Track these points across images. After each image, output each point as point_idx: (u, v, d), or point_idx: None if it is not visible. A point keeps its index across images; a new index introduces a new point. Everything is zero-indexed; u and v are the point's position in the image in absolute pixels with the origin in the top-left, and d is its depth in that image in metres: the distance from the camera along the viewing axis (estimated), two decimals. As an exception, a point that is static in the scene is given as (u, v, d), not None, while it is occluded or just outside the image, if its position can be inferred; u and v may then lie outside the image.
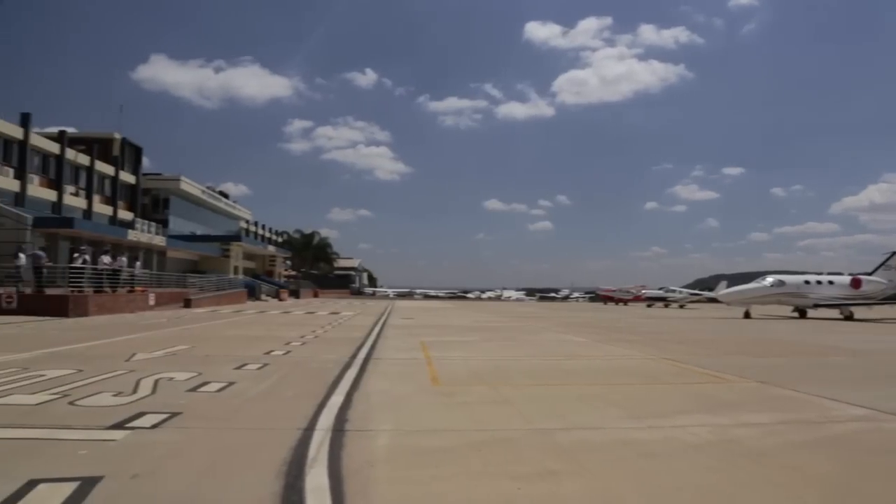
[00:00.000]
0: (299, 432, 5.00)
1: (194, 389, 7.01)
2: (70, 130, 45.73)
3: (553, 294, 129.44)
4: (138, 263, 32.52)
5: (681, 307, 59.62)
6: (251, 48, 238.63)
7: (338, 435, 4.96)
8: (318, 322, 22.31)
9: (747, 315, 32.92)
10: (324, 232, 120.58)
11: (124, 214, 50.27)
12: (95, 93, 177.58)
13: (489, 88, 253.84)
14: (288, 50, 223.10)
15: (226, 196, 76.67)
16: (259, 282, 60.09)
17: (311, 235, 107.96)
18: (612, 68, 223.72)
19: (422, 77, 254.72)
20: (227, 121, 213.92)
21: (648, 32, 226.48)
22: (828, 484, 4.02)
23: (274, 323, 21.91)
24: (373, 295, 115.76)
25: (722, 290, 39.63)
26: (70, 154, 43.53)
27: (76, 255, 27.16)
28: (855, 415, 6.28)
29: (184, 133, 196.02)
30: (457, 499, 3.58)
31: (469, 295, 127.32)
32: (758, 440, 5.05)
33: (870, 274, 36.46)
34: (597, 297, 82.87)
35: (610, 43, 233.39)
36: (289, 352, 11.59)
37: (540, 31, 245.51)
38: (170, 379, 7.66)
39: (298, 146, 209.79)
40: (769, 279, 34.43)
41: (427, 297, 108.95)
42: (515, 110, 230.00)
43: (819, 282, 35.06)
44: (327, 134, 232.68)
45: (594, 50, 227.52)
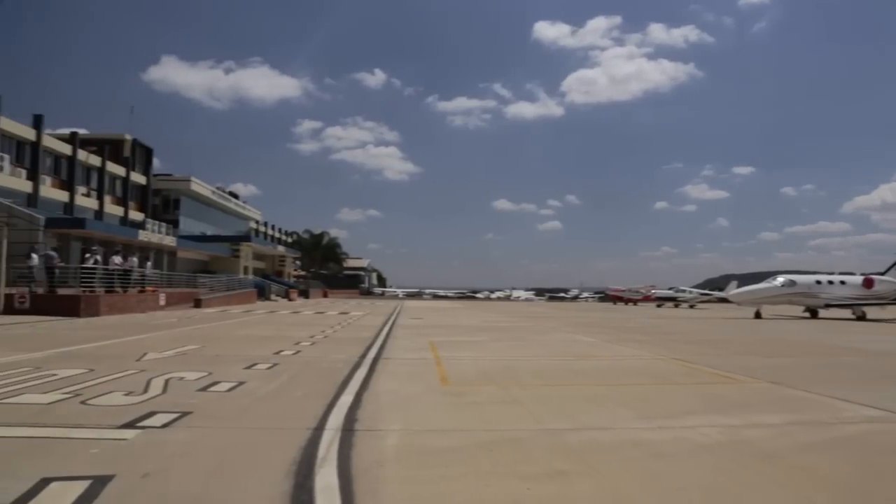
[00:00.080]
0: (309, 432, 5.01)
1: (204, 389, 7.05)
2: (82, 132, 46.03)
3: (562, 294, 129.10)
4: (149, 264, 32.72)
5: (691, 307, 59.32)
6: (261, 49, 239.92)
7: (347, 435, 4.97)
8: (328, 322, 22.36)
9: (758, 315, 32.73)
10: (333, 232, 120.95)
11: (135, 215, 50.56)
12: (107, 94, 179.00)
13: (498, 88, 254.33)
14: (297, 51, 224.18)
15: (236, 196, 77.03)
16: (269, 282, 60.31)
17: (321, 236, 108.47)
18: (622, 67, 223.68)
19: (431, 77, 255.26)
20: (237, 121, 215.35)
21: (658, 31, 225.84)
22: (839, 485, 4.00)
23: (283, 323, 21.99)
24: (382, 295, 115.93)
25: (732, 290, 39.42)
26: (82, 155, 43.81)
27: (88, 256, 27.37)
28: (867, 416, 6.23)
29: (194, 134, 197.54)
30: (466, 499, 3.57)
31: (478, 295, 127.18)
32: (769, 441, 5.02)
33: (882, 274, 36.13)
34: (606, 298, 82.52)
35: (619, 42, 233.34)
36: (298, 352, 11.63)
37: (549, 31, 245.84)
38: (180, 378, 7.71)
39: (308, 146, 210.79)
40: (780, 279, 34.21)
41: (436, 298, 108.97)
42: (524, 110, 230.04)
43: (831, 282, 34.80)
44: (336, 134, 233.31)
45: (603, 49, 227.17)
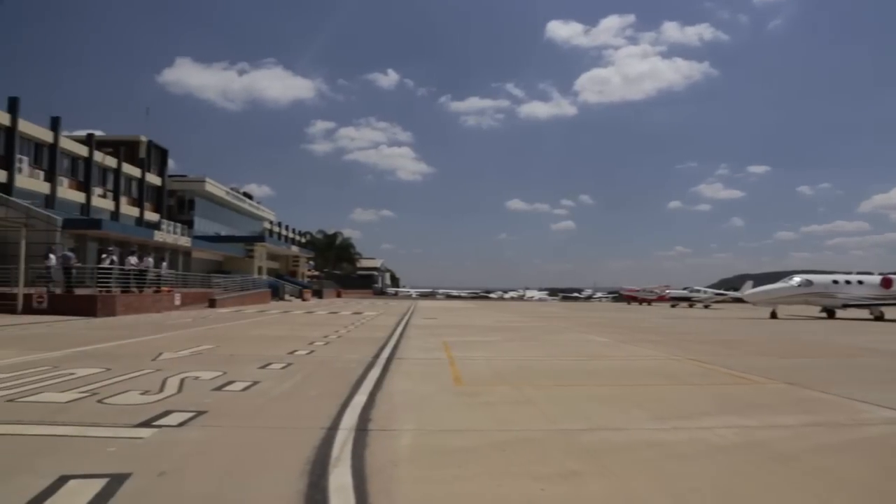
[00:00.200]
0: (323, 431, 5.03)
1: (219, 388, 7.09)
2: (98, 133, 46.50)
3: (576, 294, 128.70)
4: (164, 264, 32.97)
5: (705, 307, 58.94)
6: (274, 50, 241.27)
7: (361, 434, 4.98)
8: (341, 322, 22.42)
9: (774, 315, 32.45)
10: (346, 232, 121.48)
11: (150, 216, 50.99)
12: (122, 96, 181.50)
13: (511, 88, 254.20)
14: (310, 52, 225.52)
15: (250, 197, 77.46)
16: (283, 282, 60.56)
17: (334, 236, 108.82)
18: (635, 66, 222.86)
19: (443, 77, 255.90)
20: (251, 122, 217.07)
21: (672, 30, 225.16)
22: (857, 488, 3.95)
23: (297, 323, 22.07)
24: (395, 295, 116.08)
25: (748, 290, 39.07)
26: (98, 157, 44.24)
27: (104, 256, 27.63)
28: (886, 417, 6.16)
29: (208, 135, 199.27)
30: (480, 499, 3.57)
31: (491, 295, 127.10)
32: (785, 443, 4.98)
33: (901, 273, 35.70)
34: (620, 297, 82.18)
35: (633, 41, 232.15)
36: (312, 351, 11.67)
37: (562, 30, 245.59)
38: (195, 378, 7.76)
39: (321, 147, 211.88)
40: (796, 279, 33.88)
41: (449, 298, 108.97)
42: (538, 110, 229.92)
43: (848, 281, 34.38)
44: (350, 135, 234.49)
45: (617, 48, 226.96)
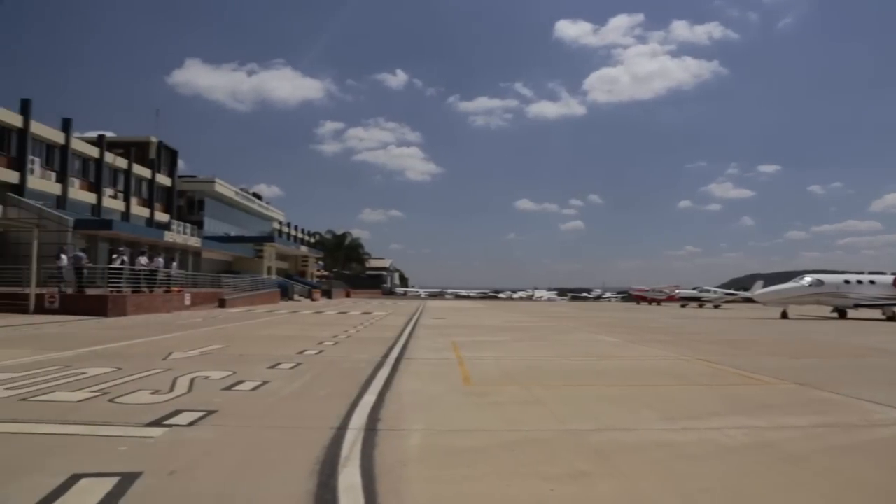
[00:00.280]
0: (332, 431, 5.05)
1: (229, 388, 7.12)
2: (109, 134, 46.68)
3: (585, 294, 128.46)
4: (174, 264, 33.11)
5: (715, 307, 58.63)
6: (283, 51, 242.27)
7: (370, 434, 4.99)
8: (351, 322, 22.47)
9: (784, 315, 32.25)
10: (355, 232, 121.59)
11: (161, 216, 51.21)
12: (133, 98, 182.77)
13: (520, 88, 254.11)
14: (319, 52, 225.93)
15: (259, 197, 77.70)
16: (292, 282, 60.72)
17: (343, 236, 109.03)
18: (645, 66, 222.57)
19: (452, 77, 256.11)
20: (260, 123, 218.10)
21: (681, 29, 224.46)
22: (868, 489, 3.93)
23: (306, 323, 22.14)
24: (404, 295, 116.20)
25: (758, 290, 38.84)
26: (109, 157, 44.45)
27: (115, 256, 27.80)
28: (897, 418, 6.11)
29: (218, 136, 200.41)
30: (489, 499, 3.57)
31: (500, 295, 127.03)
32: (795, 443, 4.95)
33: (914, 273, 35.40)
34: (629, 297, 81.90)
35: (642, 40, 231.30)
36: (321, 351, 11.70)
37: (570, 30, 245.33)
38: (205, 377, 7.80)
39: (330, 147, 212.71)
40: (807, 278, 33.63)
41: (458, 298, 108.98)
42: (546, 109, 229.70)
43: (860, 281, 34.11)
44: (358, 135, 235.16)
45: (626, 47, 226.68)
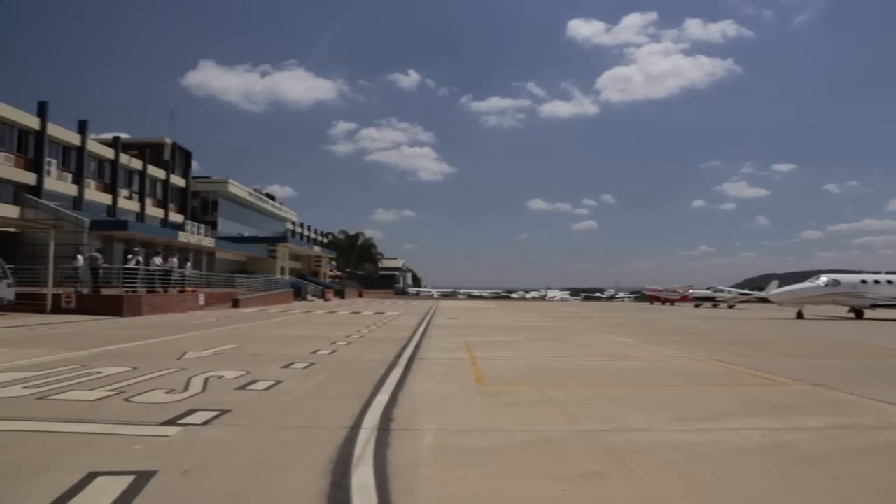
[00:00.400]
0: (345, 431, 5.06)
1: (243, 388, 7.16)
2: (124, 136, 47.22)
3: (598, 294, 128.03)
4: (188, 264, 33.32)
5: (730, 307, 58.22)
6: (296, 52, 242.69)
7: (383, 434, 5.00)
8: (363, 322, 22.52)
9: (800, 316, 31.97)
10: (368, 233, 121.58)
11: (175, 217, 51.62)
12: (147, 99, 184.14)
13: (532, 87, 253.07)
14: (332, 53, 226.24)
15: (272, 198, 78.05)
16: (305, 282, 60.93)
17: (356, 236, 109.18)
18: (658, 64, 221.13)
19: (464, 77, 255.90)
20: (273, 124, 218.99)
21: (695, 27, 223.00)
22: (885, 491, 3.88)
23: (319, 323, 22.21)
24: (417, 295, 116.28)
25: (773, 290, 38.54)
26: (124, 159, 44.92)
27: (130, 257, 28.09)
28: (916, 419, 6.04)
29: (231, 137, 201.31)
30: (502, 499, 3.57)
31: (513, 295, 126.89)
32: (811, 445, 4.90)
33: (932, 273, 34.95)
34: (643, 297, 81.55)
35: (655, 39, 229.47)
36: (335, 351, 11.74)
37: (583, 29, 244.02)
38: (219, 377, 7.84)
39: (343, 148, 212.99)
40: (823, 278, 33.30)
41: (471, 298, 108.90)
42: (559, 109, 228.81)
43: (877, 281, 33.74)
44: (371, 135, 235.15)
45: (639, 46, 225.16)
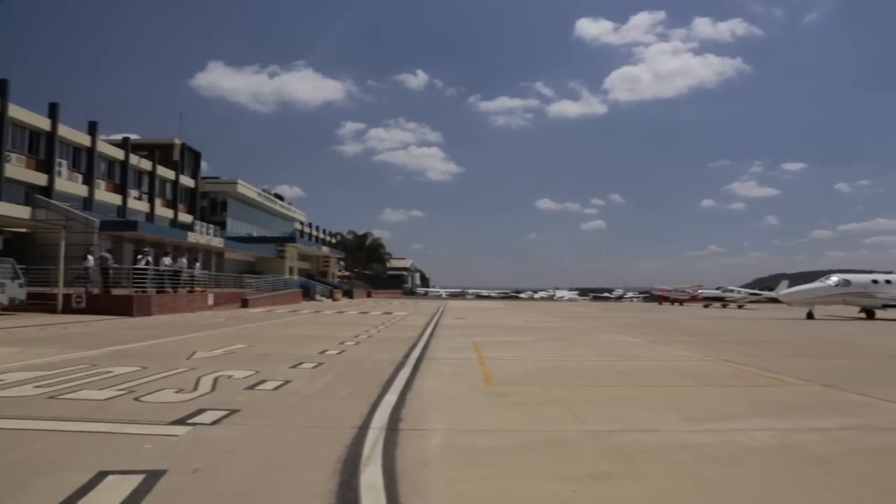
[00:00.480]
0: (354, 430, 5.07)
1: (252, 387, 7.18)
2: (133, 137, 47.55)
3: (607, 294, 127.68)
4: (198, 264, 33.51)
5: (739, 307, 57.95)
6: (304, 53, 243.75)
7: (392, 434, 5.01)
8: (372, 322, 22.54)
9: (810, 316, 31.76)
10: (376, 233, 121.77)
11: (184, 217, 51.88)
12: (157, 100, 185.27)
13: (540, 87, 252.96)
14: (340, 54, 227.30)
15: (281, 198, 78.28)
16: (313, 282, 61.06)
17: (364, 236, 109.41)
18: (667, 63, 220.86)
19: (472, 77, 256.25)
20: (282, 124, 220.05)
21: (703, 26, 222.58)
22: (898, 492, 3.85)
23: (328, 323, 22.24)
24: (425, 295, 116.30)
25: (783, 290, 38.34)
26: (133, 160, 45.18)
27: (139, 257, 28.21)
28: (928, 420, 5.99)
29: (240, 137, 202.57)
30: (511, 499, 3.56)
31: (521, 295, 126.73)
32: (822, 446, 4.87)
33: (945, 273, 34.64)
34: (652, 297, 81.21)
35: (663, 38, 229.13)
36: (343, 351, 11.75)
37: (591, 28, 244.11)
38: (228, 377, 7.87)
39: (351, 148, 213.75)
40: (834, 278, 33.07)
41: (479, 298, 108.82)
42: (567, 109, 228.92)
43: (888, 281, 33.45)
44: (379, 136, 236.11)
45: (647, 45, 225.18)
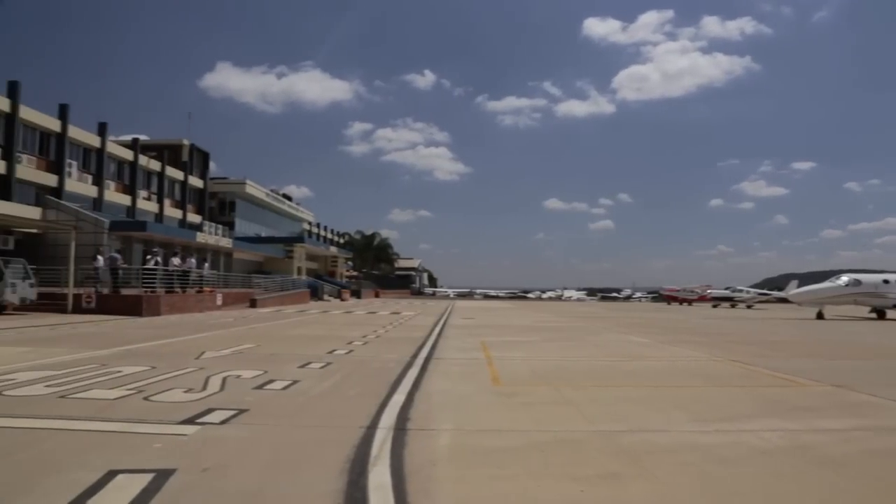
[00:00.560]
0: (362, 430, 5.08)
1: (260, 387, 7.20)
2: (143, 138, 47.82)
3: (615, 294, 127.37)
4: (206, 265, 33.60)
5: (748, 307, 57.63)
6: (312, 53, 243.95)
7: (400, 434, 5.01)
8: (380, 322, 22.57)
9: (820, 316, 31.59)
10: (384, 233, 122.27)
11: (193, 217, 52.12)
12: (166, 101, 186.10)
13: (548, 87, 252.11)
14: (347, 54, 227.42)
15: (289, 198, 78.52)
16: (321, 282, 61.15)
17: (372, 236, 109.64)
18: (675, 62, 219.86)
19: (480, 77, 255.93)
20: (290, 125, 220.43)
21: (712, 24, 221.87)
22: (910, 494, 3.82)
23: (336, 323, 22.27)
24: (433, 295, 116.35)
25: (793, 290, 38.14)
26: (143, 160, 45.44)
27: (149, 257, 28.32)
28: (939, 421, 5.95)
29: (248, 138, 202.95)
30: (519, 499, 3.56)
31: (529, 295, 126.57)
32: (832, 447, 4.84)
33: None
34: (660, 297, 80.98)
35: (672, 37, 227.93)
36: (351, 351, 11.77)
37: (599, 27, 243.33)
38: (237, 377, 7.90)
39: (359, 148, 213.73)
40: (844, 278, 32.84)
41: (487, 298, 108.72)
42: (575, 108, 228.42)
43: (900, 280, 33.25)
44: (387, 136, 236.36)
45: (655, 44, 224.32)
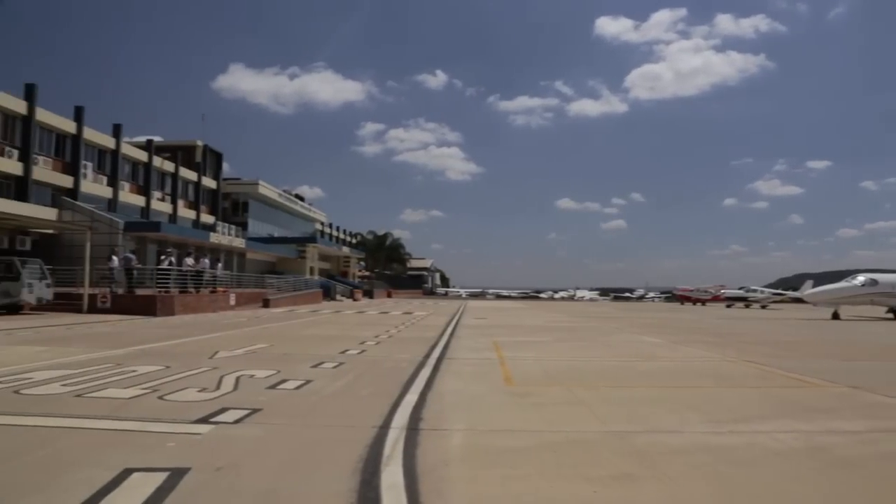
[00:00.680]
0: (375, 430, 5.08)
1: (273, 387, 7.23)
2: (157, 139, 48.11)
3: (628, 294, 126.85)
4: (220, 265, 33.83)
5: (763, 308, 57.19)
6: (324, 54, 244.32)
7: (412, 433, 5.02)
8: (392, 322, 22.60)
9: (836, 316, 31.26)
10: (396, 233, 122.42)
11: (206, 218, 52.43)
12: (179, 103, 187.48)
13: (560, 86, 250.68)
14: (360, 54, 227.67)
15: (301, 199, 78.83)
16: (334, 282, 61.34)
17: (385, 236, 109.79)
18: (688, 61, 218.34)
19: (492, 77, 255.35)
20: (302, 126, 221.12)
21: (725, 22, 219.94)
22: (928, 496, 3.78)
23: (349, 323, 22.33)
24: (445, 295, 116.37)
25: (808, 290, 37.80)
26: (157, 161, 45.79)
27: (163, 258, 28.59)
28: (958, 423, 5.87)
29: (261, 139, 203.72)
30: (532, 499, 3.55)
31: (542, 295, 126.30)
32: (849, 448, 4.80)
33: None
34: (673, 297, 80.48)
35: (685, 35, 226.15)
36: (363, 351, 11.80)
37: (611, 26, 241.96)
38: (250, 376, 7.94)
39: (371, 149, 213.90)
40: (860, 278, 32.51)
41: (499, 298, 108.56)
42: (587, 107, 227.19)
43: (918, 281, 32.87)
44: (399, 136, 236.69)
45: (668, 43, 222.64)
